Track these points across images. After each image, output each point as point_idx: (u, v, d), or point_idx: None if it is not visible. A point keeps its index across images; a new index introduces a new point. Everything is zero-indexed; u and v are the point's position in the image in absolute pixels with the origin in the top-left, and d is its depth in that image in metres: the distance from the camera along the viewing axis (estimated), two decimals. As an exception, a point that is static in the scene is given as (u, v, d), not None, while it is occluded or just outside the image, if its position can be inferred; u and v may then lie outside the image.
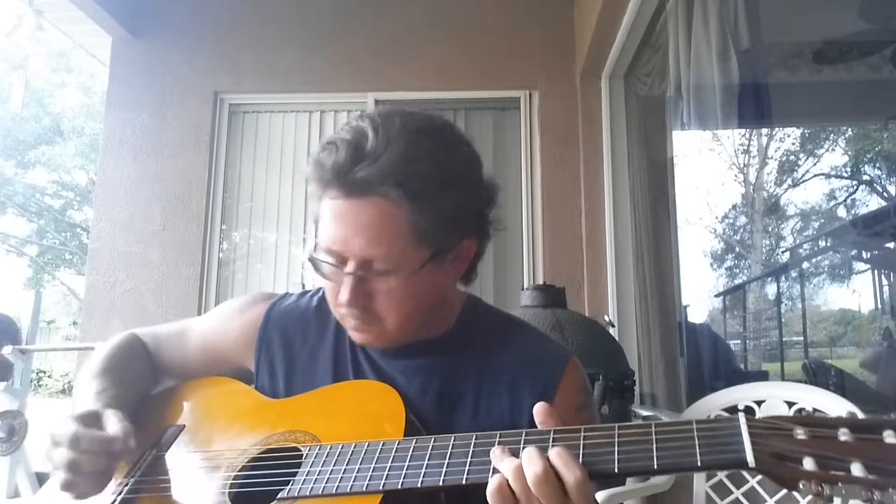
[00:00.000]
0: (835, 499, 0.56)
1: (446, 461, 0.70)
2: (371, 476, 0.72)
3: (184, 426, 0.95)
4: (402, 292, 0.82)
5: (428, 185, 0.79)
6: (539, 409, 0.70)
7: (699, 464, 0.61)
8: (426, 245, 0.81)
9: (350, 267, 0.81)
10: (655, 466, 0.62)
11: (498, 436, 0.70)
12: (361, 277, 0.81)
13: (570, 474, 0.63)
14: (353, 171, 0.77)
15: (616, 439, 0.65)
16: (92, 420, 0.83)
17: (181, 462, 0.88)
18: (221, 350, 1.01)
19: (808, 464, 0.57)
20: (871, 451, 0.56)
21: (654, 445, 0.63)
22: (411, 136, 0.80)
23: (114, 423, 0.82)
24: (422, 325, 0.89)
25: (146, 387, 1.03)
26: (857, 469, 0.55)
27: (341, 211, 0.80)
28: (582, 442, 0.66)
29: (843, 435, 0.58)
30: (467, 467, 0.69)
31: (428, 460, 0.71)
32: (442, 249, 0.83)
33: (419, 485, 0.69)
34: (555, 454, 0.64)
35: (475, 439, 0.71)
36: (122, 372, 0.98)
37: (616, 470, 0.63)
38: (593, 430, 0.67)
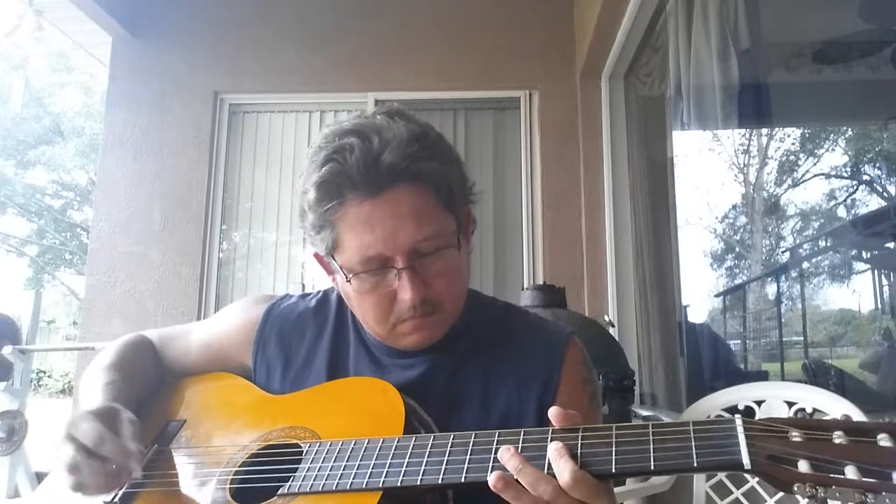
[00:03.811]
0: (829, 501, 0.56)
1: (445, 459, 0.71)
2: (371, 473, 0.72)
3: (185, 421, 0.96)
4: (453, 265, 0.85)
5: (439, 156, 0.83)
6: (554, 414, 0.70)
7: (695, 465, 0.62)
8: (451, 214, 0.85)
9: (401, 262, 0.81)
10: (652, 467, 0.63)
11: (497, 434, 0.71)
12: (414, 268, 0.82)
13: (564, 469, 0.64)
14: (379, 162, 0.78)
15: (614, 439, 0.66)
16: (109, 419, 0.82)
17: (183, 457, 0.89)
18: (222, 348, 1.04)
19: (803, 466, 0.58)
20: (865, 454, 0.57)
21: (652, 446, 0.64)
22: (401, 120, 0.82)
23: (129, 426, 0.82)
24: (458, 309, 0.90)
25: (153, 383, 1.05)
26: (851, 472, 0.56)
27: (375, 210, 0.79)
28: (580, 441, 0.67)
29: (838, 438, 0.59)
30: (466, 465, 0.69)
31: (427, 458, 0.72)
32: (458, 217, 0.87)
33: (418, 482, 0.70)
34: (552, 449, 0.66)
35: (474, 437, 0.72)
36: (132, 367, 1.00)
37: (613, 470, 0.64)
38: (591, 430, 0.68)
